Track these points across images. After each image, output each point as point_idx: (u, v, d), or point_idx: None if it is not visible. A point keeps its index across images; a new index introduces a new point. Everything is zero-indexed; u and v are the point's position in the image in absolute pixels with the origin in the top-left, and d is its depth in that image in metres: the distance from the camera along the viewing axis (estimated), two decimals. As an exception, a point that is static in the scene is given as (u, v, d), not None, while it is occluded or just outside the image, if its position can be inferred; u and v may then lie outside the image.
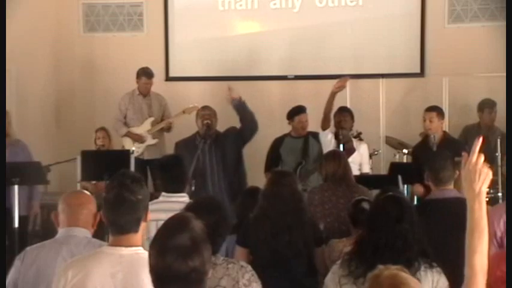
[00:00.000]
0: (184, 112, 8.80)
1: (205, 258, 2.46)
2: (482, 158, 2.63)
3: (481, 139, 2.66)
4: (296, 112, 7.78)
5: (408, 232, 3.60)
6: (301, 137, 7.72)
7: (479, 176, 2.61)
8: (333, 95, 7.50)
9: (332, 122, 7.56)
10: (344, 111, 7.68)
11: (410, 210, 3.76)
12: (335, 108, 7.61)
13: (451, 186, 4.75)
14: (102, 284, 3.03)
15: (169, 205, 4.70)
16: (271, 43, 9.81)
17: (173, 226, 2.53)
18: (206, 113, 7.46)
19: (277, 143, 7.80)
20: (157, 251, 2.47)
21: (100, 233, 3.87)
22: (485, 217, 2.64)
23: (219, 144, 7.29)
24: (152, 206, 4.52)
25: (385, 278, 2.56)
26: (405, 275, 2.59)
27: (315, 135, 7.69)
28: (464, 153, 2.69)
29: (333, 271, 3.70)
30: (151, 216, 3.26)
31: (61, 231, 3.73)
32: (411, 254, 3.54)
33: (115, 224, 3.13)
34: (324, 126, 7.60)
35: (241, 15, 9.93)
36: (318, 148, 7.59)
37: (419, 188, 6.37)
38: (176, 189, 5.03)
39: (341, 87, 7.51)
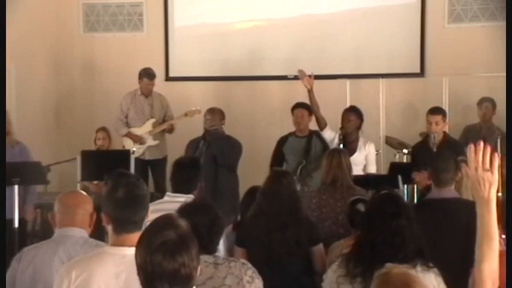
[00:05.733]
0: (186, 115, 8.82)
1: (193, 254, 2.46)
2: (481, 162, 2.58)
3: (472, 147, 2.61)
4: (294, 106, 7.74)
5: (405, 228, 3.59)
6: (305, 136, 7.65)
7: (483, 183, 2.56)
8: (310, 93, 7.55)
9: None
10: (348, 111, 7.64)
11: (407, 207, 3.77)
12: (339, 109, 7.62)
13: (451, 187, 4.75)
14: (106, 284, 3.03)
15: (173, 205, 4.67)
16: (271, 43, 9.81)
17: (158, 224, 2.53)
18: (208, 118, 7.58)
19: (281, 142, 7.77)
20: (144, 249, 2.48)
21: (98, 233, 3.86)
22: (495, 224, 2.58)
23: (212, 148, 7.38)
24: (157, 205, 4.53)
25: (396, 275, 2.53)
26: (415, 274, 2.56)
27: (320, 135, 7.68)
28: (463, 164, 2.65)
29: (333, 270, 3.70)
30: (154, 215, 3.25)
31: (58, 231, 3.72)
32: (408, 251, 3.54)
33: (126, 222, 3.11)
34: (320, 125, 7.60)
35: (241, 16, 9.93)
36: (321, 147, 7.58)
37: (420, 177, 6.28)
38: (186, 190, 4.99)
39: (311, 83, 7.55)
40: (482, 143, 2.60)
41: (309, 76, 7.64)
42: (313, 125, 7.79)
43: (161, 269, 2.43)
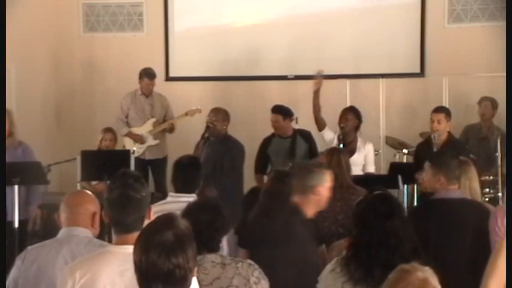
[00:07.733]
0: (186, 114, 8.83)
1: (189, 256, 2.46)
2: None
3: None
4: (271, 110, 7.75)
5: (399, 229, 3.54)
6: (289, 137, 7.64)
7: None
8: (315, 94, 7.57)
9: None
10: (346, 110, 7.64)
11: (400, 208, 3.73)
12: (339, 109, 7.63)
13: (457, 186, 4.73)
14: (111, 282, 3.02)
15: (177, 205, 4.67)
16: (271, 43, 9.81)
17: (157, 224, 2.54)
18: (210, 117, 7.62)
19: (265, 144, 7.77)
20: (140, 247, 2.48)
21: (100, 233, 3.86)
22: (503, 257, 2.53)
23: (213, 148, 7.39)
24: (161, 206, 4.54)
25: (417, 279, 2.52)
26: (435, 284, 2.55)
27: (304, 134, 7.66)
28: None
29: (333, 277, 3.61)
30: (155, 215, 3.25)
31: (62, 230, 3.73)
32: (405, 252, 3.52)
33: (120, 223, 3.13)
34: (319, 126, 7.60)
35: (241, 15, 9.93)
36: (306, 148, 7.57)
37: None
38: (188, 190, 4.99)
39: (318, 85, 7.63)
40: None
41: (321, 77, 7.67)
42: (310, 125, 7.80)
43: (156, 268, 2.43)
